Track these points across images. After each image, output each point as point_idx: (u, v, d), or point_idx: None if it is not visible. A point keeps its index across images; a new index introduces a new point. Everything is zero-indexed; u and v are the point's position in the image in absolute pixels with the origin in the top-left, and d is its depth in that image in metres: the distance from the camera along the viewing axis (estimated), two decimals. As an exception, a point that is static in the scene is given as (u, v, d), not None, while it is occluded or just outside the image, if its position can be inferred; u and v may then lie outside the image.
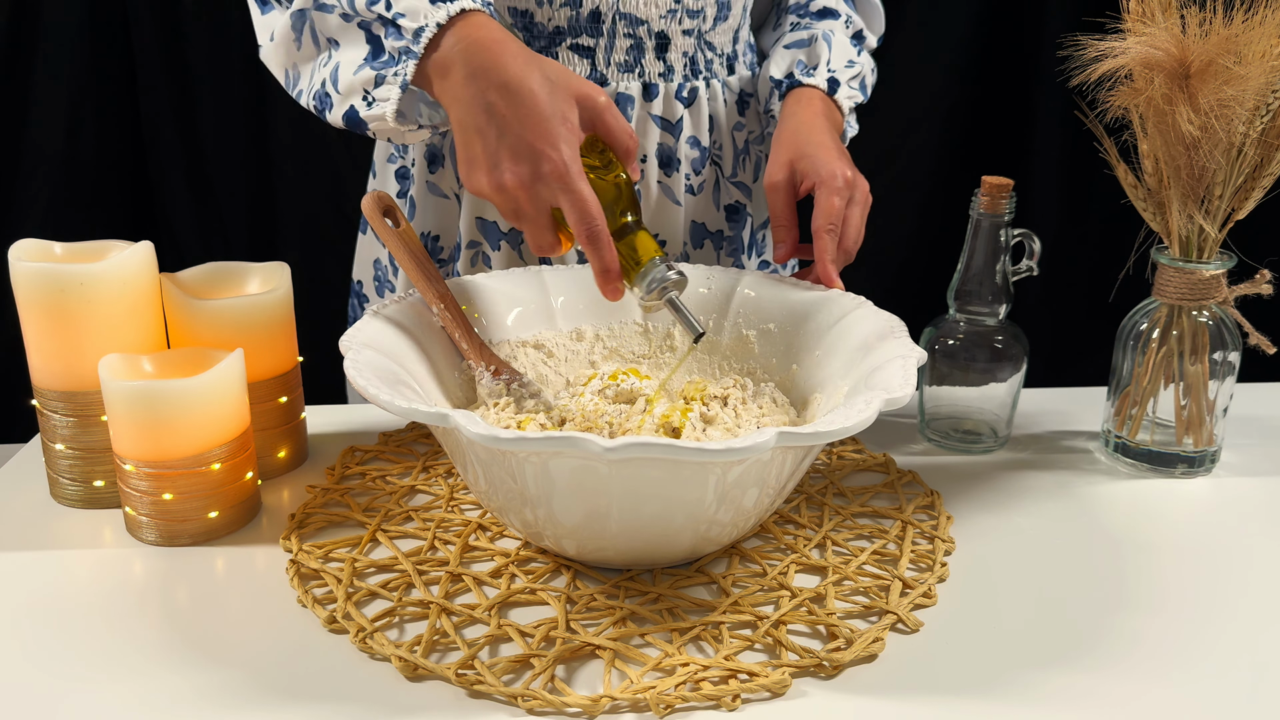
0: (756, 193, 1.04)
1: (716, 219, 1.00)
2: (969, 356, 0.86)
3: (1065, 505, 0.80)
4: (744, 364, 0.84)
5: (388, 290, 1.04)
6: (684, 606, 0.66)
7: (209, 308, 0.77)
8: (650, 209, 0.97)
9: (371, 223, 0.80)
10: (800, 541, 0.74)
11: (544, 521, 0.65)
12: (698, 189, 0.98)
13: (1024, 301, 1.70)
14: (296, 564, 0.70)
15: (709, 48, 0.96)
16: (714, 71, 0.97)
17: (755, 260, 1.06)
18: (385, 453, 0.86)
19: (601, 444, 0.56)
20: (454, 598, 0.67)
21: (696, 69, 0.95)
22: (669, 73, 0.94)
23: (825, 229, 0.82)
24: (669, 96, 0.94)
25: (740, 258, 1.02)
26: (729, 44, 0.98)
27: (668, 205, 0.97)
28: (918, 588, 0.68)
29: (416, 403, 0.62)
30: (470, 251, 0.98)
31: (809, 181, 0.85)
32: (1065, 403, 0.97)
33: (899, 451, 0.88)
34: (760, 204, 1.04)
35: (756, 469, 0.62)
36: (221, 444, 0.72)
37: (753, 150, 1.03)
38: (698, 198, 0.99)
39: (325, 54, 0.78)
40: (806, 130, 0.89)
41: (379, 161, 1.05)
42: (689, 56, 0.94)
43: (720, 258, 1.01)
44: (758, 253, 1.06)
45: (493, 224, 0.97)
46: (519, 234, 0.97)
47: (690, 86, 0.95)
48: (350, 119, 0.76)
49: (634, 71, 0.93)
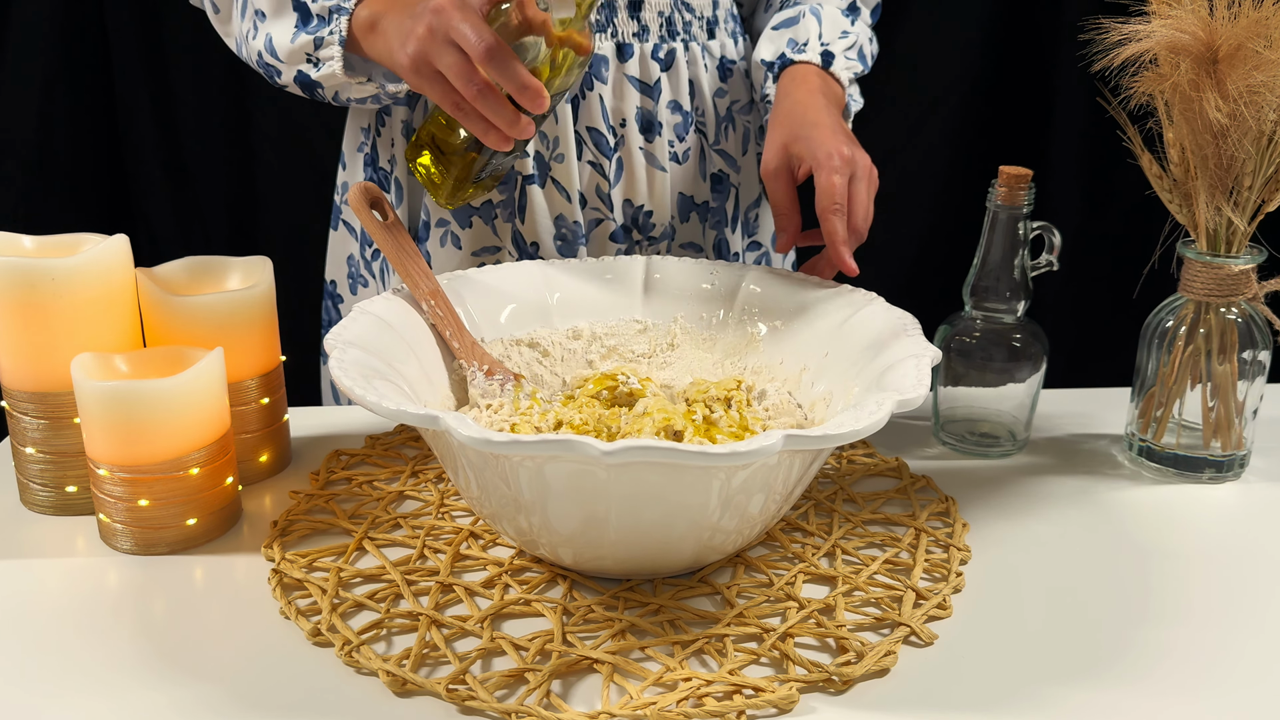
0: (745, 167, 1.04)
1: (703, 190, 1.01)
2: (986, 355, 0.86)
3: (1087, 512, 0.80)
4: (749, 363, 0.84)
5: (361, 287, 1.04)
6: (686, 618, 0.66)
7: (187, 304, 0.77)
8: (634, 177, 0.97)
9: (359, 216, 0.80)
10: (808, 550, 0.74)
11: (539, 529, 0.65)
12: (683, 156, 0.99)
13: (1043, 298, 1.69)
14: (279, 574, 0.70)
15: (686, 8, 0.96)
16: (693, 34, 0.97)
17: (744, 239, 1.06)
18: (372, 457, 0.86)
19: (599, 447, 0.56)
20: (444, 609, 0.67)
21: (673, 30, 0.95)
22: (644, 33, 0.94)
23: (830, 210, 0.81)
24: (644, 57, 0.95)
25: (724, 231, 1.02)
26: (708, 6, 0.98)
27: (653, 172, 0.97)
28: (932, 599, 0.68)
29: (405, 404, 0.62)
30: (439, 230, 0.98)
31: (806, 164, 0.84)
32: (1087, 404, 0.97)
33: (912, 455, 0.88)
34: (749, 179, 1.05)
35: (762, 474, 0.62)
36: (200, 447, 0.72)
37: (738, 120, 1.02)
38: (683, 167, 0.99)
39: (251, 25, 0.86)
40: (801, 110, 0.88)
41: (348, 152, 1.05)
42: (665, 16, 0.95)
43: (704, 231, 1.01)
44: (747, 232, 1.06)
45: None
46: (490, 212, 0.97)
47: (668, 48, 0.95)
48: (302, 83, 0.85)
49: (606, 31, 0.93)
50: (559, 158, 0.95)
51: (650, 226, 0.98)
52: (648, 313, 0.87)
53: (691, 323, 0.86)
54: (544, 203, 0.96)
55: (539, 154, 0.95)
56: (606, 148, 0.96)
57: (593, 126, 0.95)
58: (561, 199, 0.96)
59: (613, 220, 0.98)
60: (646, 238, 0.99)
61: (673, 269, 0.88)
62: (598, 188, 0.97)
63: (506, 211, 0.97)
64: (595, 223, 0.98)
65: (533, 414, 0.74)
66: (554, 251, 0.97)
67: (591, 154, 0.96)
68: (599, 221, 0.98)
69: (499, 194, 0.97)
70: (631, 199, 0.98)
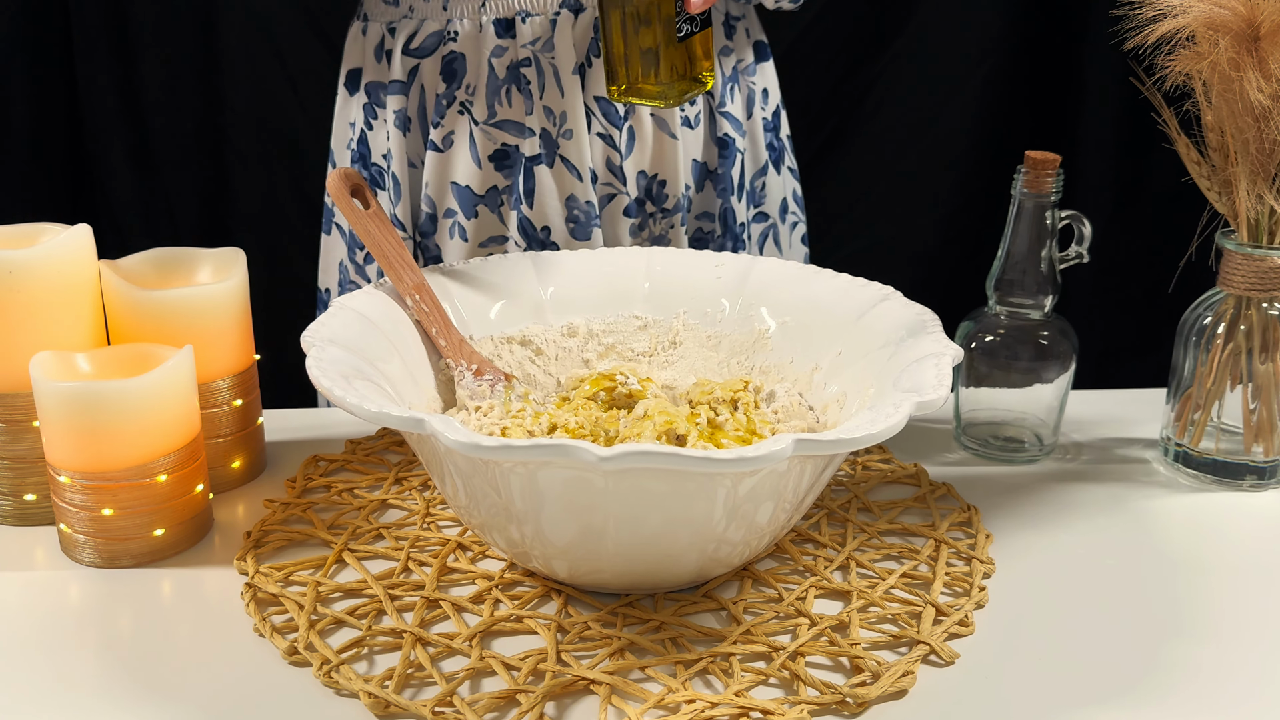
0: (750, 130, 1.05)
1: (713, 154, 1.02)
2: (1011, 354, 0.86)
3: (1119, 522, 0.80)
4: (757, 362, 0.84)
5: None
6: (689, 636, 0.66)
7: (154, 299, 0.77)
8: (646, 146, 0.98)
9: (338, 204, 0.80)
10: (820, 563, 0.74)
11: (532, 540, 0.65)
12: (694, 121, 0.99)
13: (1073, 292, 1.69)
14: (253, 588, 0.70)
15: None
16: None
17: (750, 209, 1.06)
18: (353, 463, 0.86)
19: (596, 453, 0.56)
20: (430, 626, 0.67)
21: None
22: None
23: None
24: None
25: (729, 199, 1.03)
26: None
27: (664, 139, 0.98)
28: (953, 615, 0.68)
29: (388, 406, 0.62)
30: (448, 221, 0.98)
31: None
32: (1119, 406, 0.97)
33: (932, 461, 0.88)
34: (754, 143, 1.05)
35: (771, 481, 0.62)
36: (168, 453, 0.72)
37: (742, 81, 1.03)
38: (695, 131, 1.00)
39: None
40: None
41: (337, 149, 1.05)
42: None
43: (714, 199, 1.02)
44: (753, 201, 1.07)
45: (465, 189, 0.97)
46: (495, 199, 0.97)
47: None
48: None
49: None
50: (567, 134, 0.95)
51: (664, 198, 0.99)
52: (648, 308, 0.87)
53: (695, 318, 0.86)
54: (553, 184, 0.96)
55: (545, 131, 0.96)
56: (616, 117, 0.96)
57: (601, 95, 0.96)
58: (572, 178, 0.96)
59: (626, 194, 0.98)
60: (660, 209, 1.00)
61: (675, 260, 0.88)
62: (609, 160, 0.97)
63: (512, 197, 0.98)
64: (608, 199, 0.98)
65: (525, 417, 0.74)
66: (566, 236, 0.97)
67: (601, 125, 0.96)
68: (611, 197, 0.98)
69: (505, 179, 0.97)
70: (645, 169, 0.98)
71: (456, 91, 0.96)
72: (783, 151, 1.10)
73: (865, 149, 1.66)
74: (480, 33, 0.95)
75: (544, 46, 0.94)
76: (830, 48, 1.59)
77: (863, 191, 1.69)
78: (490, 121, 0.96)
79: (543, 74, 0.95)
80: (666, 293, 0.87)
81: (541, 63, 0.95)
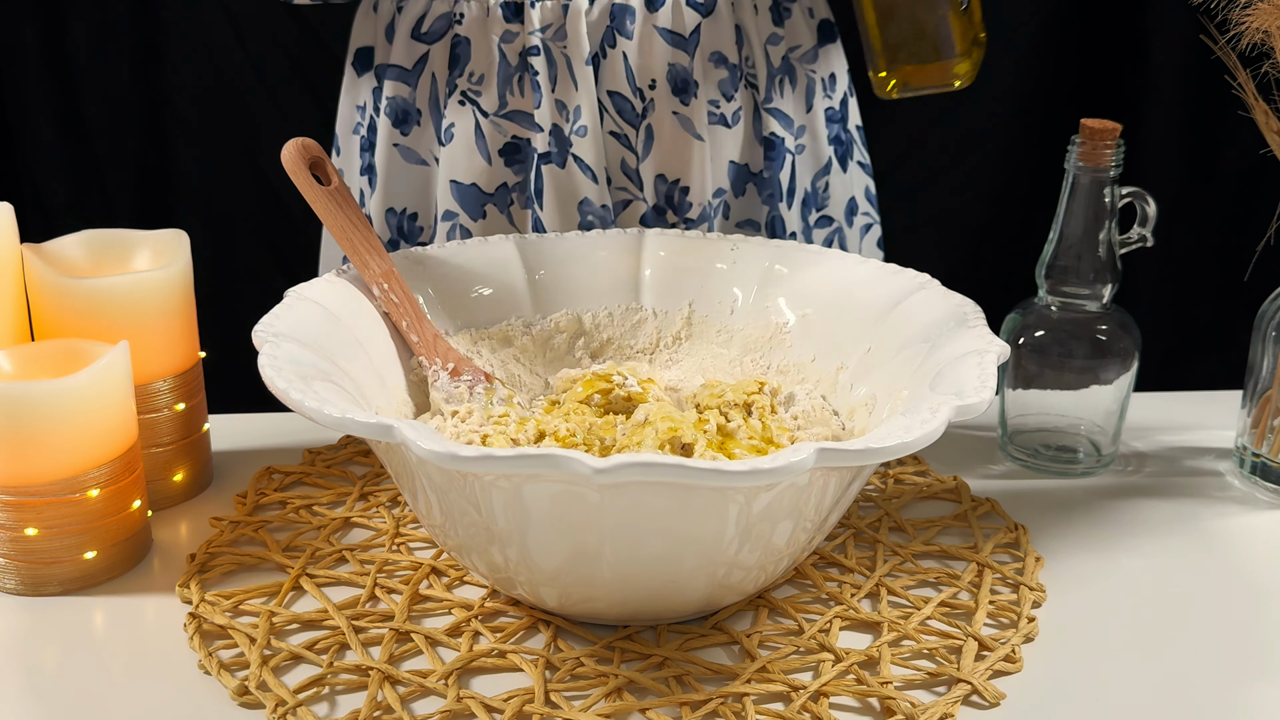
0: (811, 127, 1.04)
1: (756, 156, 1.01)
2: (1064, 351, 0.86)
3: (1188, 543, 0.80)
4: (774, 360, 0.84)
5: None
6: (696, 674, 0.66)
7: (84, 288, 0.77)
8: (665, 148, 0.98)
9: (295, 180, 0.80)
10: (847, 590, 0.74)
11: (516, 564, 0.65)
12: (732, 119, 0.99)
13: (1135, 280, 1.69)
14: (198, 618, 0.70)
15: None
16: None
17: (810, 214, 1.05)
18: (312, 475, 0.86)
19: (590, 464, 0.56)
20: (400, 662, 0.67)
21: None
22: None
23: None
24: (678, 4, 0.95)
25: (777, 206, 1.02)
26: None
27: (686, 141, 0.98)
28: (998, 650, 0.68)
29: (352, 410, 0.62)
30: (446, 224, 0.99)
31: None
32: (1188, 410, 0.97)
33: (974, 474, 0.88)
34: (816, 142, 1.04)
35: (790, 496, 0.62)
36: (101, 464, 0.72)
37: (799, 71, 1.02)
38: (734, 130, 0.99)
39: None
40: None
41: (342, 135, 1.06)
42: None
43: (759, 205, 1.02)
44: (815, 204, 1.06)
45: (471, 188, 0.97)
46: (505, 198, 0.98)
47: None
48: None
49: None
50: (580, 131, 0.96)
51: (686, 205, 0.99)
52: (650, 298, 0.87)
53: (704, 310, 0.86)
54: (565, 185, 0.97)
55: (556, 127, 0.96)
56: (631, 114, 0.96)
57: (615, 90, 0.96)
58: (586, 179, 0.97)
59: (643, 200, 0.98)
60: (683, 219, 0.99)
61: (681, 245, 0.88)
62: (624, 162, 0.97)
63: (524, 197, 0.98)
64: (623, 204, 0.99)
65: (508, 423, 0.74)
66: None
67: (614, 123, 0.96)
68: (627, 203, 0.99)
69: (515, 175, 0.98)
70: (665, 174, 0.98)
71: (459, 80, 0.97)
72: (850, 145, 1.09)
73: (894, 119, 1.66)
74: (488, 16, 0.95)
75: (555, 35, 0.95)
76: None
77: (892, 166, 1.69)
78: (501, 113, 0.97)
79: (554, 65, 0.95)
80: (671, 281, 0.87)
81: (553, 52, 0.95)
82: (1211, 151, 1.75)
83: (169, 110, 1.77)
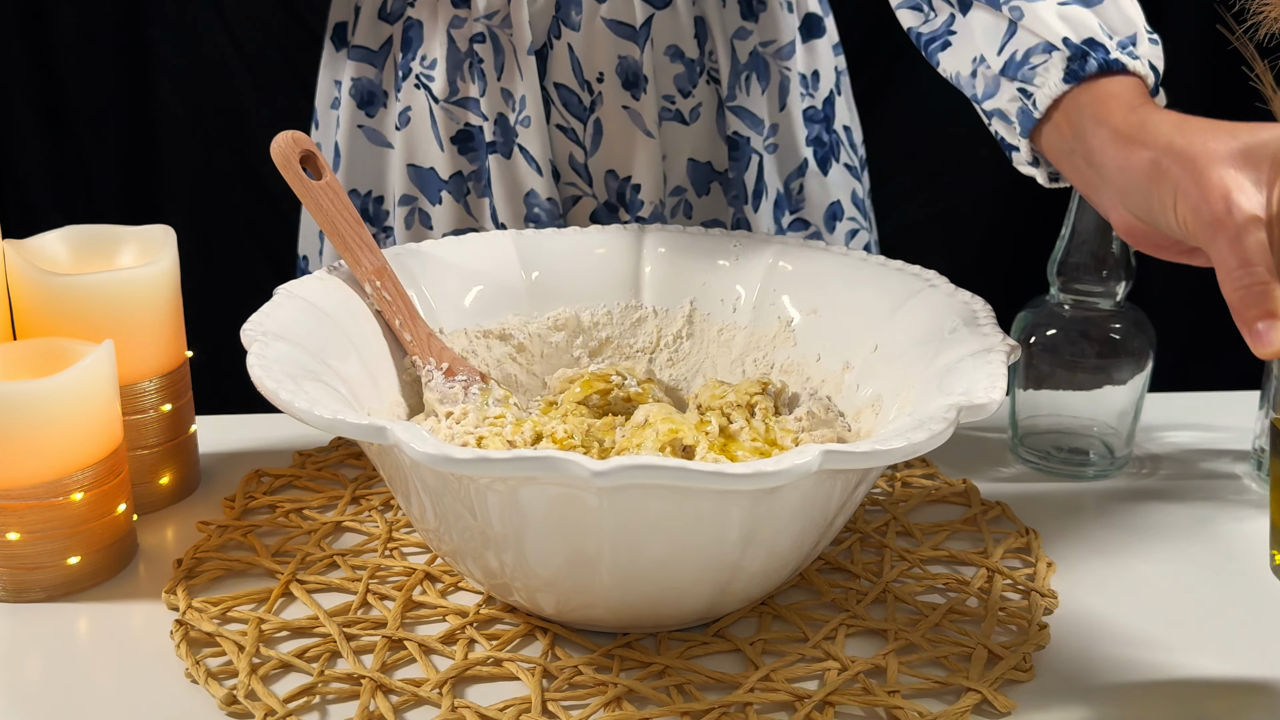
0: (784, 125, 1.03)
1: (720, 154, 1.00)
2: (1077, 351, 0.86)
3: (1205, 549, 0.80)
4: (777, 360, 0.84)
5: None
6: (698, 682, 0.66)
7: (68, 285, 0.77)
8: (615, 144, 0.97)
9: (284, 174, 0.80)
10: (853, 596, 0.74)
11: (513, 570, 0.65)
12: (690, 116, 0.98)
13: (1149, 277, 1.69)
14: (185, 625, 0.70)
15: None
16: None
17: (784, 217, 1.05)
18: (302, 478, 0.86)
19: (589, 467, 0.56)
20: (393, 670, 0.67)
21: None
22: None
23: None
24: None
25: (742, 209, 1.02)
26: None
27: (637, 138, 0.97)
28: (1009, 658, 0.68)
29: (343, 411, 0.62)
30: (404, 209, 0.99)
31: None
32: (1204, 411, 0.97)
33: (984, 477, 0.88)
34: (790, 140, 1.03)
35: (794, 500, 0.62)
36: (85, 466, 0.72)
37: (772, 67, 1.01)
38: (694, 128, 0.99)
39: None
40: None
41: (320, 109, 1.06)
42: None
43: (723, 207, 1.01)
44: (789, 207, 1.05)
45: (429, 171, 0.97)
46: (462, 186, 0.97)
47: None
48: None
49: None
50: (525, 121, 0.95)
51: (638, 204, 0.98)
52: (650, 296, 0.87)
53: (705, 308, 0.86)
54: (511, 176, 0.97)
55: (502, 116, 0.96)
56: (578, 108, 0.96)
57: (561, 83, 0.95)
58: (531, 171, 0.96)
59: (592, 196, 0.98)
60: (635, 218, 0.99)
61: (682, 241, 0.88)
62: (571, 157, 0.97)
63: (480, 185, 0.98)
64: (573, 200, 0.99)
65: (504, 424, 0.74)
66: None
67: (561, 116, 0.96)
68: (577, 199, 0.99)
69: (470, 164, 0.98)
70: (615, 170, 0.98)
71: (412, 63, 0.97)
72: (836, 146, 1.07)
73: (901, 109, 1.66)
74: (437, 1, 0.95)
75: (501, 22, 0.95)
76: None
77: (899, 160, 1.69)
78: (452, 99, 0.97)
79: (500, 53, 0.95)
80: (672, 278, 0.87)
81: (500, 39, 0.95)
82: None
83: (155, 99, 1.77)
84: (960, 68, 0.77)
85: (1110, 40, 0.71)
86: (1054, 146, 0.72)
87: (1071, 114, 0.70)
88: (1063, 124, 0.71)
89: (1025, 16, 0.72)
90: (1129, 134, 0.67)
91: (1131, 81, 0.70)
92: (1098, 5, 0.72)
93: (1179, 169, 0.63)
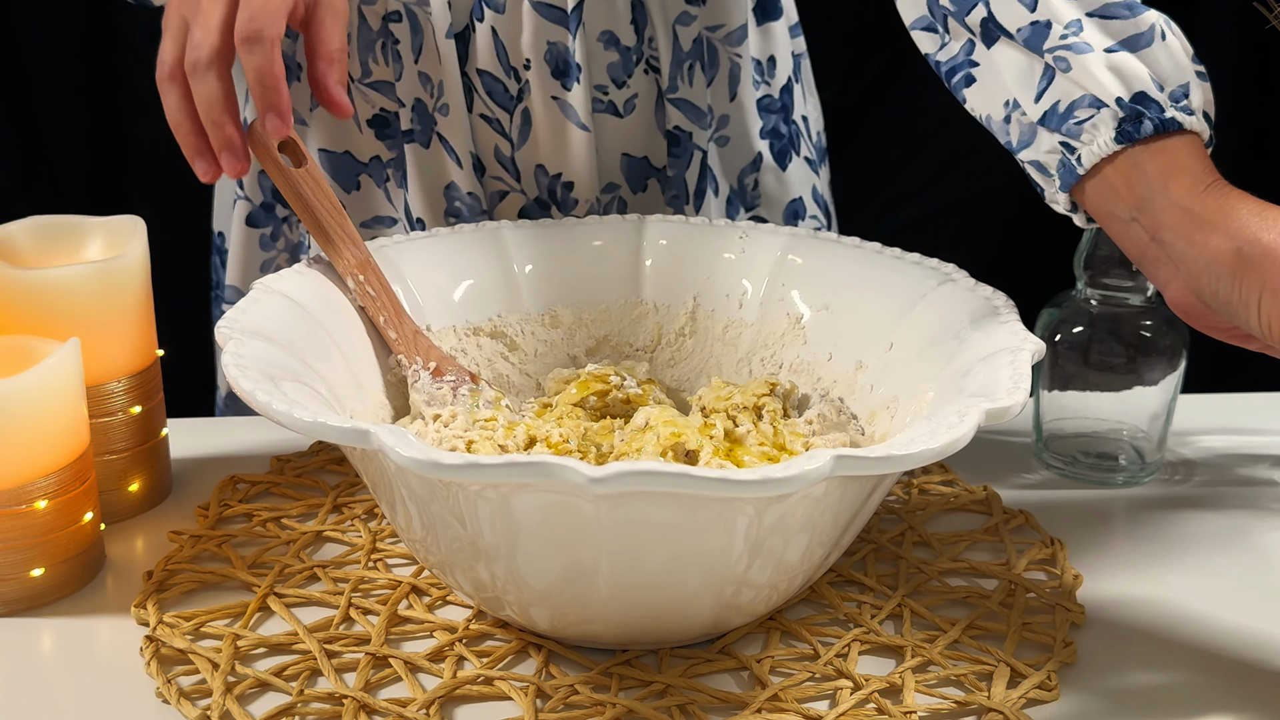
0: (735, 117, 1.01)
1: (658, 150, 0.99)
2: (1105, 350, 0.86)
3: (1241, 560, 0.80)
4: (786, 359, 0.84)
5: (272, 243, 1.03)
6: (702, 702, 0.66)
7: (31, 280, 0.77)
8: (542, 137, 0.96)
9: (260, 159, 0.80)
10: (867, 611, 0.74)
11: (505, 583, 0.65)
12: (624, 108, 0.97)
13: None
14: (155, 642, 0.70)
15: None
16: None
17: (738, 215, 1.04)
18: (280, 485, 0.86)
19: (586, 473, 0.55)
20: (377, 690, 0.67)
21: None
22: None
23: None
24: None
25: (682, 208, 1.00)
26: None
27: (568, 131, 0.96)
28: (1032, 676, 0.68)
29: (325, 414, 0.62)
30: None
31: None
32: (1240, 414, 0.97)
33: (1006, 483, 0.88)
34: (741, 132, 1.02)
35: (804, 508, 0.62)
36: (49, 473, 0.72)
37: (721, 54, 0.99)
38: (625, 120, 0.98)
39: None
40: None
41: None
42: None
43: (661, 206, 1.00)
44: (743, 203, 1.04)
45: (344, 156, 0.97)
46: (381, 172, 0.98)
47: None
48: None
49: None
50: (443, 109, 0.94)
51: (571, 202, 0.97)
52: (651, 291, 0.87)
53: (710, 304, 0.86)
54: (430, 166, 0.96)
55: (420, 102, 0.95)
56: (504, 97, 0.95)
57: (485, 69, 0.95)
58: (451, 162, 0.96)
59: (520, 192, 0.97)
60: (570, 216, 0.98)
61: (685, 233, 0.88)
62: (497, 150, 0.97)
63: (399, 174, 0.97)
64: (499, 195, 0.98)
65: (496, 428, 0.74)
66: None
67: (485, 106, 0.95)
68: (503, 194, 0.98)
69: (389, 150, 0.97)
70: (545, 165, 0.97)
71: None
72: (795, 138, 1.06)
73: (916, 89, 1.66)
74: None
75: (419, 0, 0.93)
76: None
77: (915, 149, 1.69)
78: (365, 81, 0.96)
79: (419, 33, 0.94)
80: (674, 272, 0.87)
81: (419, 18, 0.93)
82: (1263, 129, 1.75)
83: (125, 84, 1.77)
84: (990, 110, 0.78)
85: (1162, 94, 0.71)
86: (1103, 207, 0.73)
87: (1133, 181, 0.71)
88: (1120, 186, 0.71)
89: (1073, 70, 0.72)
90: (1207, 218, 0.67)
91: (1190, 141, 0.71)
92: (1145, 49, 0.72)
93: (1269, 264, 0.64)
